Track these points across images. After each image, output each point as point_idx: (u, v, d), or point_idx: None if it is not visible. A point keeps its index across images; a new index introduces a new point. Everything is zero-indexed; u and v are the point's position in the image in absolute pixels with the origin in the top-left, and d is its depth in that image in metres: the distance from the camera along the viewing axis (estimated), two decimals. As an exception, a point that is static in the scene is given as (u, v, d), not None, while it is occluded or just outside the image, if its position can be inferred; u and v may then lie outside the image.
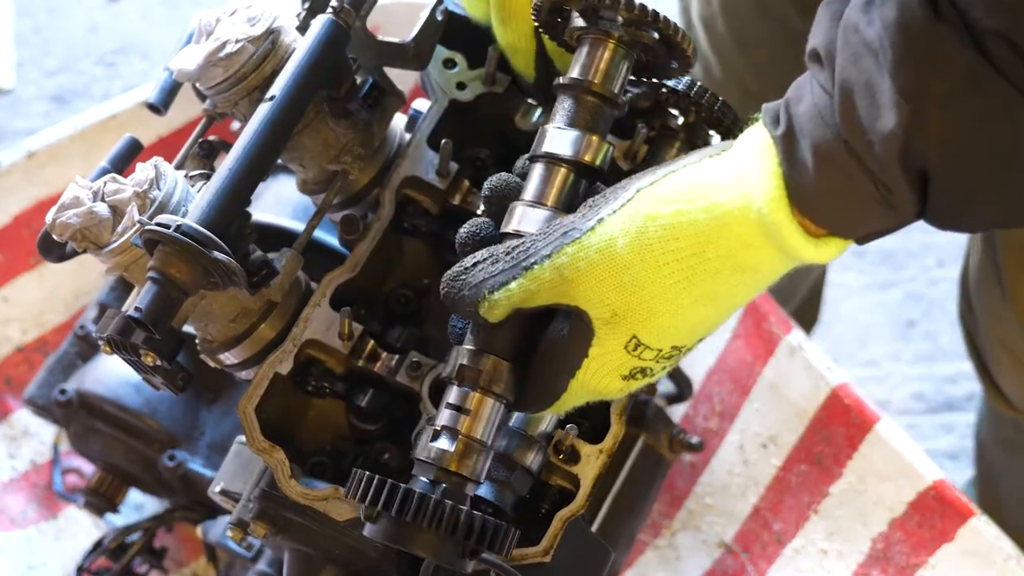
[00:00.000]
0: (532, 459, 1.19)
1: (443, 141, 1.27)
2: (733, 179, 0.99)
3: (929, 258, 2.78)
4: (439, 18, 1.26)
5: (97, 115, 1.99)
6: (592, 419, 1.29)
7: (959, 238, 2.73)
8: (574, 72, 1.13)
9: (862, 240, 1.00)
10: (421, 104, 1.37)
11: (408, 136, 1.33)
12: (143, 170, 1.19)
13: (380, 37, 1.25)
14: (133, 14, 3.13)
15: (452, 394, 1.09)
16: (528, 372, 1.10)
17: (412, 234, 1.34)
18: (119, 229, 1.17)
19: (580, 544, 1.24)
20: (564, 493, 1.24)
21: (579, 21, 1.13)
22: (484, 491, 1.17)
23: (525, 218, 1.10)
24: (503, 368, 1.08)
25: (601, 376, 1.06)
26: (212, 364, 1.28)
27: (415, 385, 1.23)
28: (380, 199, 1.28)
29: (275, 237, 1.44)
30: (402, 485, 1.03)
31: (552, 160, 1.12)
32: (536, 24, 1.16)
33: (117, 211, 1.17)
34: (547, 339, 1.08)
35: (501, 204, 1.13)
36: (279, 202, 1.64)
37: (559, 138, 1.12)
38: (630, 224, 1.02)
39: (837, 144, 0.92)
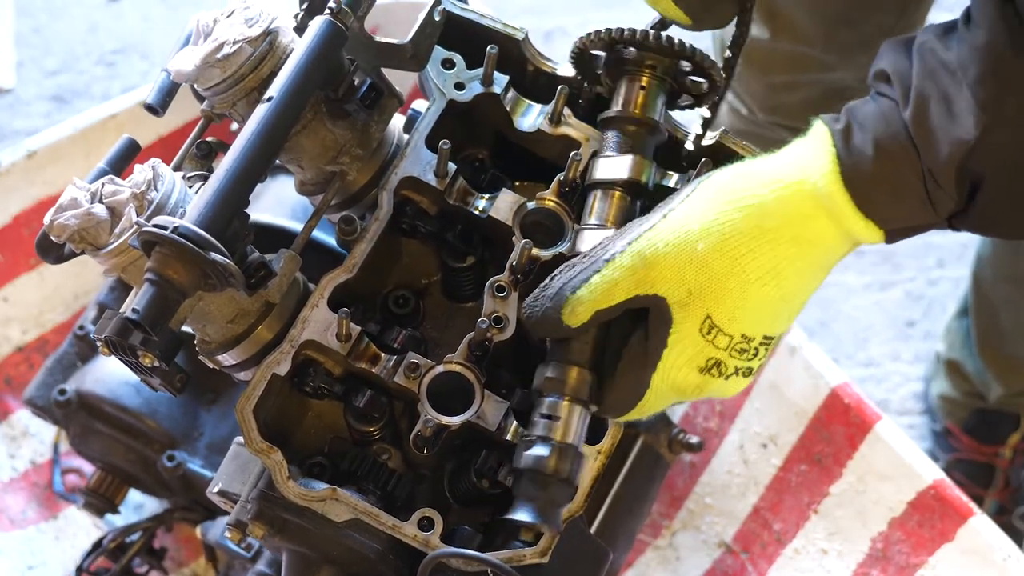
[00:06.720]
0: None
1: (441, 142, 1.27)
2: (789, 162, 1.11)
3: (929, 258, 2.78)
4: (437, 18, 1.26)
5: (97, 115, 1.99)
6: (591, 421, 1.28)
7: (959, 238, 2.72)
8: (616, 106, 1.25)
9: (891, 236, 1.10)
10: (420, 104, 1.37)
11: (406, 137, 1.33)
12: (141, 171, 1.19)
13: (378, 38, 1.25)
14: (133, 14, 3.12)
15: (542, 405, 1.17)
16: (610, 378, 1.18)
17: (410, 234, 1.34)
18: (117, 230, 1.17)
19: (578, 545, 1.25)
20: (562, 494, 1.24)
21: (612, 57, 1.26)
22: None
23: (592, 239, 1.21)
24: (586, 377, 1.16)
25: (679, 367, 1.13)
26: (210, 365, 1.28)
27: (413, 386, 1.23)
28: (378, 200, 1.28)
29: (274, 237, 1.44)
30: None
31: (606, 185, 1.23)
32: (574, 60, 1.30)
33: (115, 212, 1.17)
34: (629, 344, 1.16)
35: None
36: (279, 202, 1.64)
37: (610, 165, 1.24)
38: (696, 206, 1.12)
39: (899, 140, 1.05)
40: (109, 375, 1.73)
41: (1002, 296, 2.28)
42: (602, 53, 1.28)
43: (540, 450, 1.15)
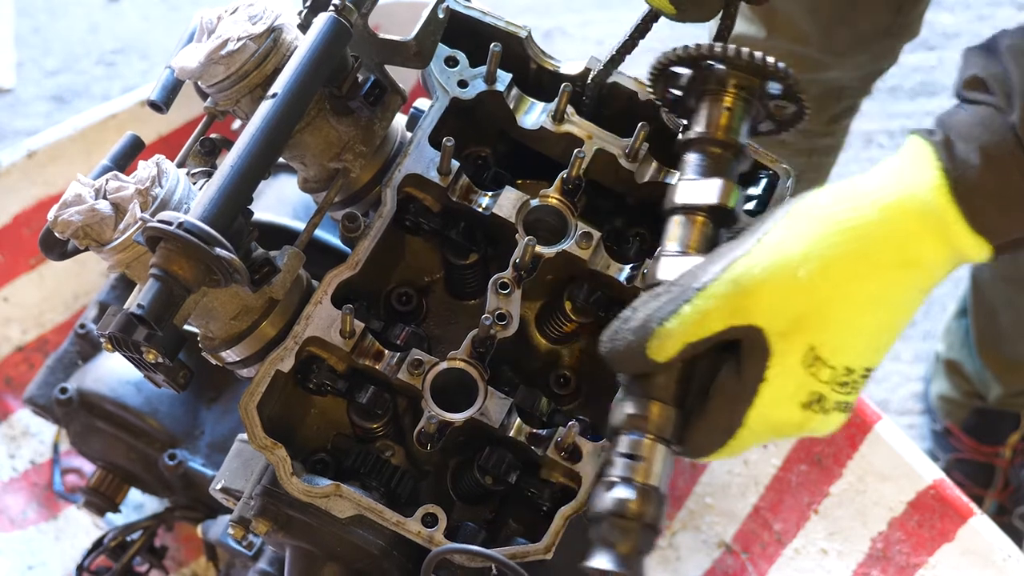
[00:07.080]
0: None
1: (445, 139, 1.27)
2: (890, 181, 1.05)
3: (929, 258, 2.79)
4: (441, 16, 1.26)
5: (97, 115, 1.99)
6: (593, 417, 1.29)
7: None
8: (699, 126, 1.15)
9: (998, 251, 1.05)
10: (422, 103, 1.37)
11: (409, 134, 1.33)
12: (145, 168, 1.19)
13: (382, 35, 1.25)
14: (133, 14, 3.13)
15: (622, 443, 1.09)
16: (698, 416, 1.10)
17: (414, 232, 1.34)
18: (121, 226, 1.17)
19: (581, 541, 1.24)
20: (566, 490, 1.24)
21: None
22: None
23: (674, 267, 1.11)
24: (670, 414, 1.09)
25: (780, 403, 1.06)
26: (214, 362, 1.28)
27: (416, 383, 1.23)
28: (382, 197, 1.28)
29: (276, 236, 1.45)
30: None
31: (689, 210, 1.14)
32: (650, 82, 1.21)
33: (119, 208, 1.17)
34: (719, 379, 1.08)
35: None
36: (280, 201, 1.64)
37: (695, 188, 1.14)
38: (793, 230, 1.05)
39: (1006, 145, 1.01)
40: (110, 374, 1.73)
41: (1001, 296, 2.29)
42: (686, 70, 1.19)
43: (623, 492, 1.07)
